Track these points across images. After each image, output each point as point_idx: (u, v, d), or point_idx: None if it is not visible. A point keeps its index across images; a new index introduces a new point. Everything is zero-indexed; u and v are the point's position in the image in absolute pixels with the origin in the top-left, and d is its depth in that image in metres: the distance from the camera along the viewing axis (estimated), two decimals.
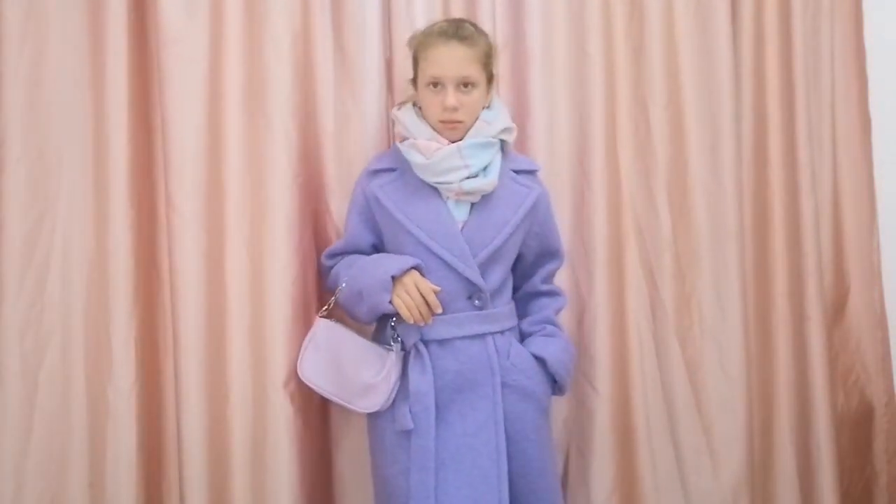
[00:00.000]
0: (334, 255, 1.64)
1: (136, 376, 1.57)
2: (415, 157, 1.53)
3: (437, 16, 1.73)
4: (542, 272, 1.68)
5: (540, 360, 1.58)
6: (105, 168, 1.59)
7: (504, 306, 1.60)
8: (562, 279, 1.74)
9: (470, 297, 1.53)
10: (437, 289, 1.49)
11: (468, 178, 1.51)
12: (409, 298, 1.47)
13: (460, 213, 1.55)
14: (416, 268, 1.50)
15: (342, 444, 1.72)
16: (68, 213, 1.59)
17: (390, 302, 1.48)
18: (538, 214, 1.62)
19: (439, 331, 1.52)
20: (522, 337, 1.63)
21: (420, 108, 1.57)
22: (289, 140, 1.64)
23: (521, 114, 1.77)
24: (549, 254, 1.67)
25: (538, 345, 1.60)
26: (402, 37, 1.72)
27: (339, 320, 1.61)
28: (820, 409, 1.88)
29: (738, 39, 1.91)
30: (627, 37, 1.84)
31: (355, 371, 1.53)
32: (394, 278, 1.48)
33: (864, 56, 2.06)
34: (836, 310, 2.05)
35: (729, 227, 1.83)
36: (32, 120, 1.57)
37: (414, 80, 1.58)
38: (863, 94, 2.06)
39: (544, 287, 1.68)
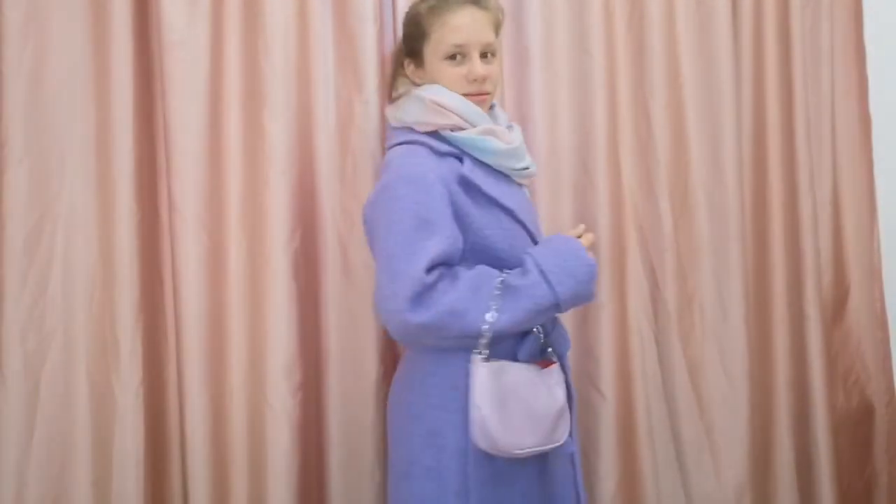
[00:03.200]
0: (435, 265, 1.26)
1: (143, 376, 1.58)
2: (495, 145, 1.36)
3: None
4: None
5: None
6: (109, 169, 1.59)
7: None
8: None
9: None
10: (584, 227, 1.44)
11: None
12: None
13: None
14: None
15: (340, 443, 1.72)
16: (70, 213, 1.59)
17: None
18: None
19: (559, 339, 1.41)
20: None
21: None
22: (289, 141, 1.64)
23: (522, 113, 1.78)
24: None
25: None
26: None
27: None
28: (819, 408, 1.88)
29: (738, 39, 1.91)
30: (628, 36, 1.84)
31: (546, 403, 1.29)
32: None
33: (864, 56, 2.06)
34: (836, 310, 2.05)
35: (730, 226, 1.83)
36: (34, 120, 1.57)
37: (413, 59, 1.44)
38: (863, 94, 2.06)
39: None
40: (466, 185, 1.34)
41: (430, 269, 1.25)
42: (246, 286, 1.63)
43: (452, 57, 1.37)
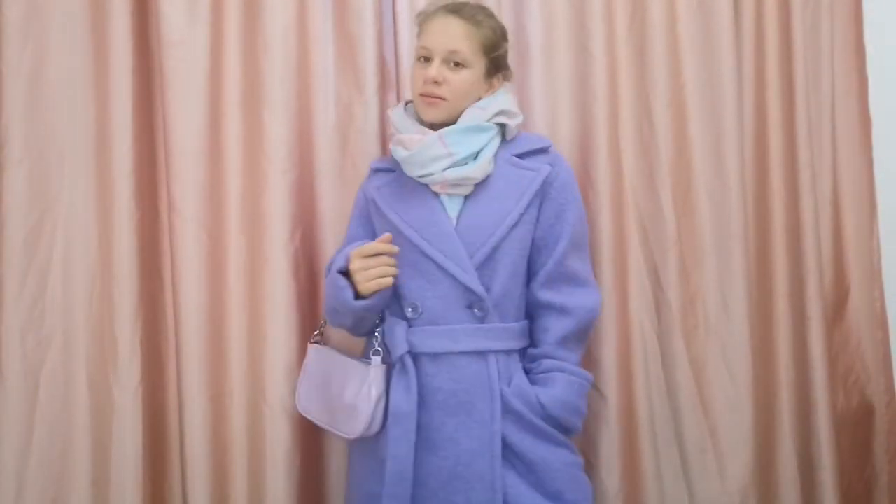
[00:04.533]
0: (329, 268, 1.49)
1: (142, 375, 1.58)
2: (399, 153, 1.42)
3: None
4: (543, 274, 1.43)
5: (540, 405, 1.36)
6: (109, 169, 1.59)
7: (513, 322, 1.41)
8: None
9: (469, 307, 1.37)
10: (388, 235, 1.35)
11: (452, 166, 1.38)
12: (368, 272, 1.32)
13: (453, 210, 1.41)
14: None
15: (340, 443, 1.71)
16: (70, 213, 1.59)
17: (356, 297, 1.34)
18: (553, 197, 1.43)
19: (432, 343, 1.36)
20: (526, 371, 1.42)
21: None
22: (289, 141, 1.64)
23: (523, 113, 1.77)
24: (553, 306, 1.43)
25: (536, 388, 1.38)
26: (402, 38, 1.73)
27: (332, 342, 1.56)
28: (820, 408, 1.87)
29: (740, 38, 1.90)
30: (629, 35, 1.84)
31: (338, 392, 1.41)
32: (345, 273, 1.36)
33: (864, 56, 2.05)
34: (836, 310, 2.04)
35: (733, 226, 1.82)
36: (34, 120, 1.57)
37: None
38: (863, 94, 2.05)
39: (545, 296, 1.43)
40: (371, 200, 1.49)
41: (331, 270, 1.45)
42: (246, 286, 1.63)
43: (424, 60, 1.42)
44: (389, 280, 1.34)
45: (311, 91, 1.68)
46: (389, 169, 1.51)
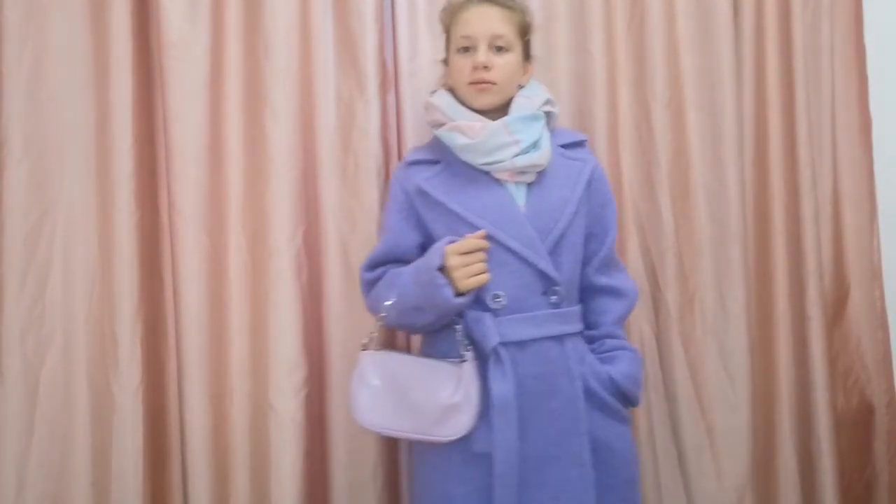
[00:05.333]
0: (375, 264, 1.49)
1: (142, 375, 1.58)
2: (458, 140, 1.41)
3: (438, 11, 1.73)
4: (597, 260, 1.50)
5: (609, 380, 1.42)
6: (109, 169, 1.59)
7: (575, 305, 1.46)
8: None
9: (545, 293, 1.40)
10: (483, 231, 1.35)
11: (519, 154, 1.39)
12: (468, 268, 1.32)
13: (519, 198, 1.42)
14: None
15: (343, 443, 1.71)
16: (70, 213, 1.59)
17: (457, 295, 1.33)
18: (596, 189, 1.49)
19: (518, 331, 1.37)
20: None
21: (451, 88, 1.48)
22: (290, 141, 1.64)
23: None
24: (613, 290, 1.51)
25: (605, 366, 1.44)
26: (403, 37, 1.73)
27: (385, 346, 1.51)
28: (821, 409, 1.87)
29: (739, 38, 1.90)
30: (628, 36, 1.84)
31: (427, 396, 1.36)
32: (442, 269, 1.33)
33: (864, 56, 2.05)
34: (837, 310, 2.04)
35: (732, 227, 1.82)
36: (34, 120, 1.57)
37: (446, 60, 1.50)
38: (863, 94, 2.05)
39: (601, 280, 1.51)
40: (420, 192, 1.45)
41: (372, 267, 1.48)
42: (247, 286, 1.63)
43: (465, 49, 1.43)
44: (487, 276, 1.35)
45: (311, 90, 1.67)
46: (432, 160, 1.48)
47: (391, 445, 1.68)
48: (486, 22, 1.42)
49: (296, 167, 1.65)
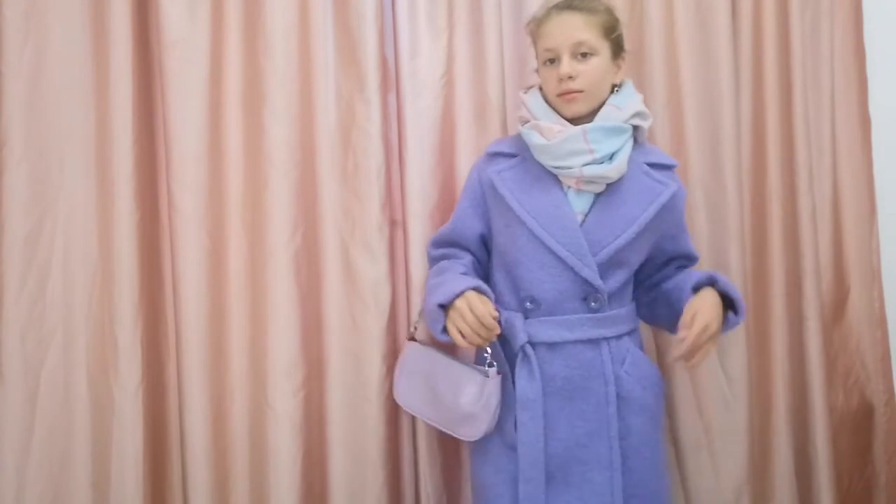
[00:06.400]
0: (440, 243, 1.57)
1: (142, 376, 1.58)
2: (535, 139, 1.42)
3: (440, 12, 1.73)
4: (664, 256, 1.53)
5: (709, 281, 1.42)
6: (109, 169, 1.59)
7: (622, 307, 1.46)
8: None
9: (585, 299, 1.41)
10: (496, 313, 1.37)
11: (590, 164, 1.39)
12: (463, 324, 1.35)
13: (581, 206, 1.42)
14: (476, 289, 1.39)
15: (342, 443, 1.72)
16: (70, 213, 1.59)
17: (443, 331, 1.39)
18: (673, 214, 1.48)
19: (549, 333, 1.40)
20: (666, 295, 1.48)
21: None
22: (290, 141, 1.64)
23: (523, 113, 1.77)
24: (684, 257, 1.55)
25: (695, 277, 1.44)
26: (403, 37, 1.73)
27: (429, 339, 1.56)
28: (817, 409, 1.88)
29: (738, 39, 1.90)
30: (627, 35, 1.84)
31: (452, 398, 1.44)
32: (443, 306, 1.39)
33: (864, 56, 2.05)
34: (836, 310, 2.05)
35: (730, 227, 1.82)
36: (34, 120, 1.57)
37: (538, 70, 1.49)
38: (863, 94, 2.05)
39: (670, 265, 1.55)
40: (491, 188, 1.48)
41: (437, 245, 1.58)
42: (246, 286, 1.63)
43: (550, 61, 1.43)
44: (466, 343, 1.38)
45: (311, 90, 1.67)
46: (511, 154, 1.50)
47: (391, 445, 1.68)
48: (567, 31, 1.40)
49: (295, 167, 1.65)
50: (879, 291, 2.05)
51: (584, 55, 1.41)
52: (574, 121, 1.44)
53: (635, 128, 1.46)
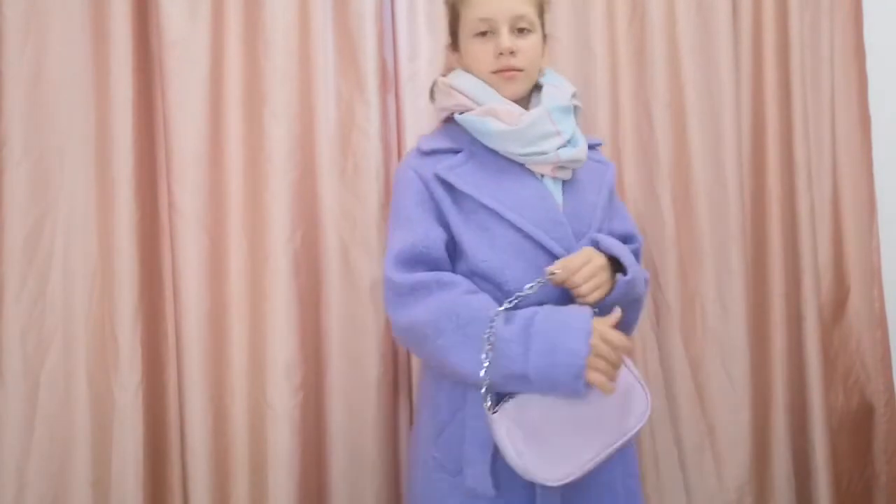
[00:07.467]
0: (410, 263, 1.23)
1: (142, 376, 1.58)
2: (493, 126, 1.24)
3: (439, 13, 1.73)
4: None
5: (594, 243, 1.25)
6: (109, 169, 1.59)
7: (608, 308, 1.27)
8: None
9: (574, 299, 1.22)
10: (628, 345, 1.18)
11: (563, 146, 1.25)
12: (606, 365, 1.14)
13: (558, 196, 1.28)
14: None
15: (342, 443, 1.72)
16: (70, 213, 1.59)
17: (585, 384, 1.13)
18: (614, 192, 1.39)
19: None
20: None
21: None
22: (290, 141, 1.64)
23: None
24: (628, 238, 1.37)
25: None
26: (403, 37, 1.73)
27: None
28: (816, 409, 1.88)
29: (738, 39, 1.91)
30: (629, 36, 1.84)
31: (619, 417, 1.20)
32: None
33: (864, 56, 2.06)
34: (836, 310, 2.05)
35: (731, 227, 1.83)
36: (34, 120, 1.56)
37: (453, 44, 1.36)
38: (863, 94, 2.05)
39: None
40: (443, 183, 1.26)
41: (407, 267, 1.23)
42: (246, 286, 1.63)
43: (482, 34, 1.28)
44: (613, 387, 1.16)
45: (311, 90, 1.67)
46: (451, 149, 1.30)
47: (391, 446, 1.69)
48: (507, 1, 1.26)
49: (295, 167, 1.65)
50: (879, 291, 2.05)
51: (521, 31, 1.27)
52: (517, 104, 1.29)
53: (575, 108, 1.34)
